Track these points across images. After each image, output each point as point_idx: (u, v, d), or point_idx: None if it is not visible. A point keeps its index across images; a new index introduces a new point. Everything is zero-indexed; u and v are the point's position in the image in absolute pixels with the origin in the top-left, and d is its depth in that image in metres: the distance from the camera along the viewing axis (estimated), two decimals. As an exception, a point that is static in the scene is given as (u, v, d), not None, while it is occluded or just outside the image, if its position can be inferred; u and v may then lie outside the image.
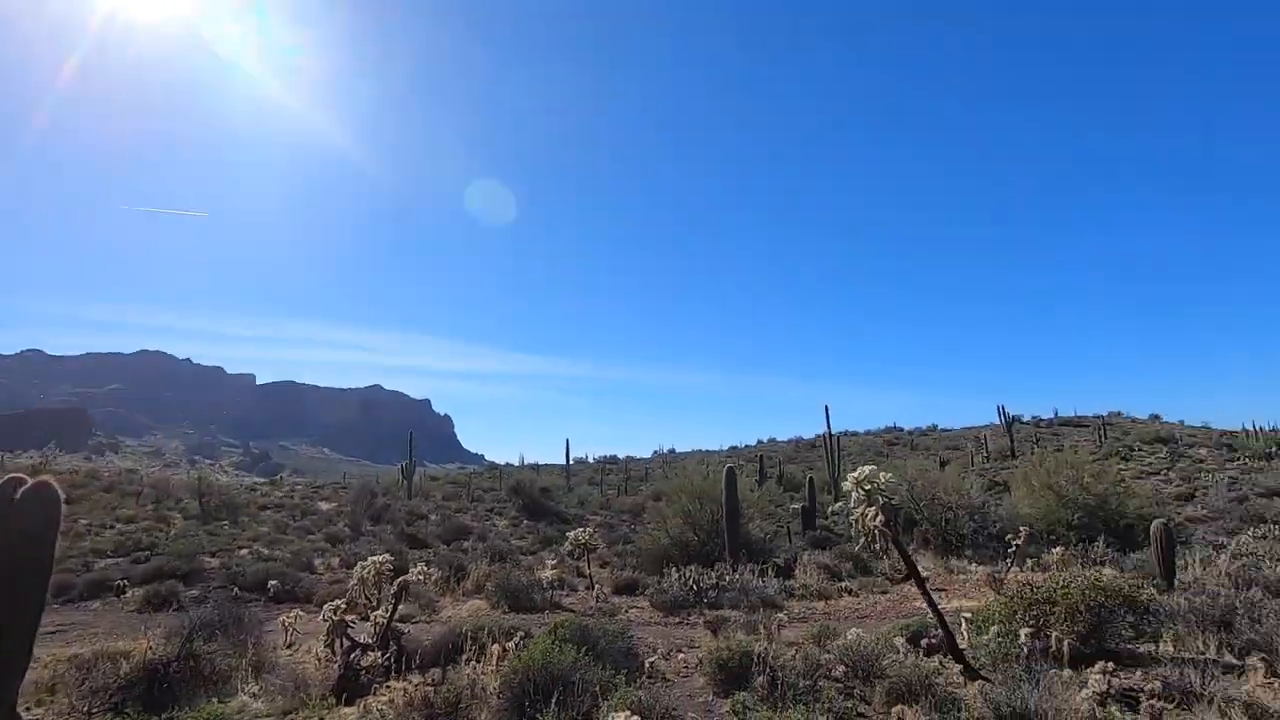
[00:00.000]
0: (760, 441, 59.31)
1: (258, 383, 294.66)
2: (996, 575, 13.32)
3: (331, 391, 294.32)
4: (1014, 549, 15.83)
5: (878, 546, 7.36)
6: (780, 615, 10.02)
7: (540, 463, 54.32)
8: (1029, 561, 14.86)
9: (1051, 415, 55.41)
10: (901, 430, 57.86)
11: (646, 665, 7.20)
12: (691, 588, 11.89)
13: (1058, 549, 15.95)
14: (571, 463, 48.59)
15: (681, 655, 7.94)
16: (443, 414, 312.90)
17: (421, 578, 14.13)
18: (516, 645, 7.35)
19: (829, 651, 7.10)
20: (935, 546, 19.43)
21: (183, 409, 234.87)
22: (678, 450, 58.71)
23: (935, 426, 58.27)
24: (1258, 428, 40.62)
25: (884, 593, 12.61)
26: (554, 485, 37.81)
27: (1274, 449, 33.17)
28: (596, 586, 13.41)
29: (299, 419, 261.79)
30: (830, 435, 33.86)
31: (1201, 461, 33.65)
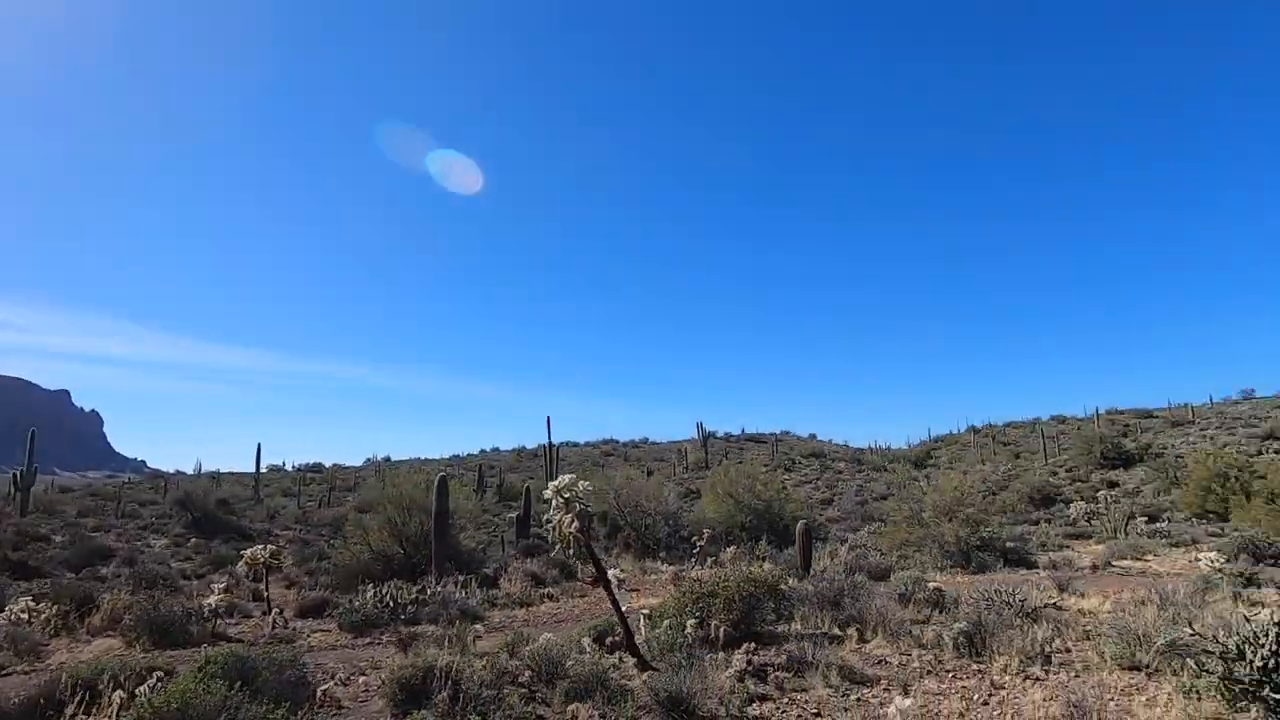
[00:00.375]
0: (484, 450, 58.61)
1: None
2: (681, 574, 14.86)
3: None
4: (698, 549, 17.89)
5: (572, 552, 7.71)
6: (478, 627, 9.91)
7: (224, 470, 46.84)
8: (710, 560, 16.86)
9: (739, 432, 64.04)
10: (617, 442, 61.82)
11: (319, 694, 6.55)
12: (388, 604, 11.19)
13: (731, 548, 18.42)
14: (263, 470, 42.76)
15: (364, 678, 7.38)
16: (88, 409, 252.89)
17: (26, 615, 11.11)
18: (151, 689, 6.14)
19: (519, 658, 7.21)
20: (635, 550, 21.05)
21: None
22: (394, 458, 55.21)
23: (646, 439, 63.42)
24: (879, 445, 51.72)
25: (583, 596, 13.24)
26: (237, 496, 32.87)
27: (888, 463, 42.48)
28: (275, 611, 11.88)
29: None
30: (550, 445, 34.81)
31: (840, 473, 41.69)
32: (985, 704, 5.89)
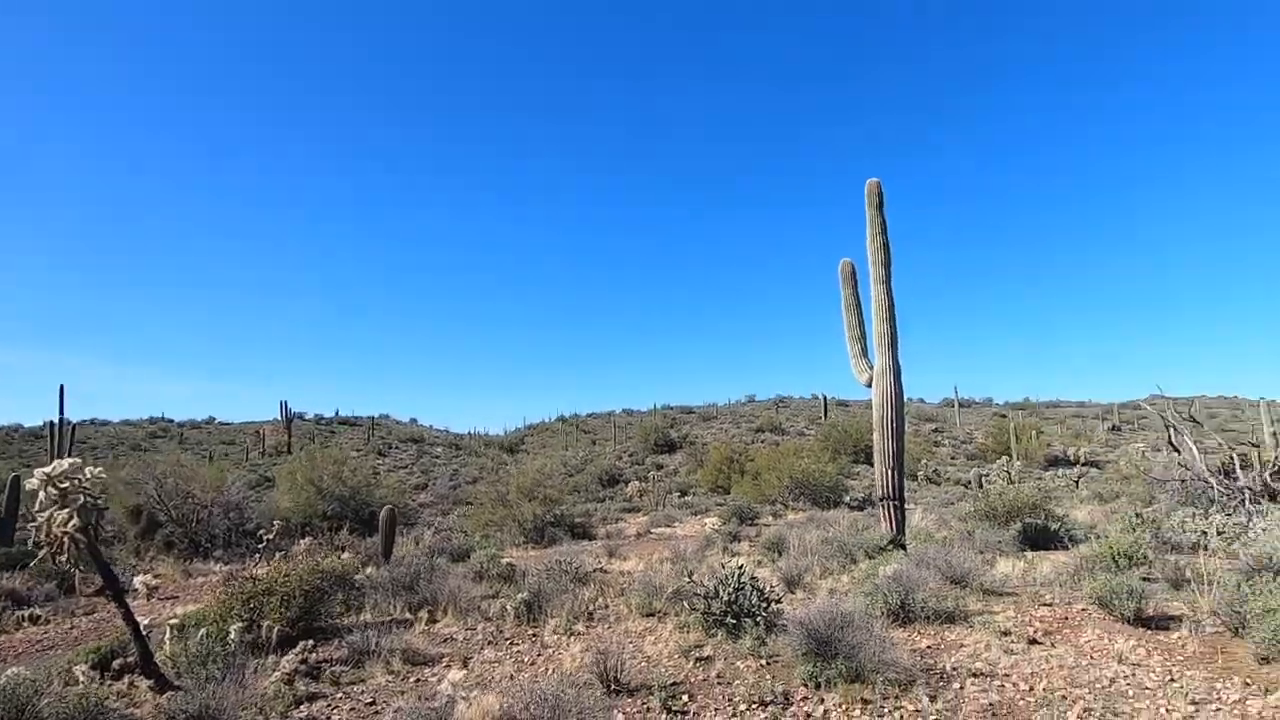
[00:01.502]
0: (-57, 428, 42.02)
1: None
2: (237, 574, 12.93)
3: None
4: (265, 544, 15.83)
5: (66, 559, 6.01)
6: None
7: None
8: (280, 555, 15.07)
9: (333, 414, 59.05)
10: (170, 421, 51.05)
11: None
12: None
13: (306, 539, 16.81)
14: None
15: None
16: None
17: None
18: None
19: (-41, 708, 5.29)
20: (181, 549, 17.61)
21: None
22: None
23: (214, 419, 53.82)
24: (477, 431, 53.36)
25: (89, 614, 10.49)
26: None
27: (483, 448, 44.09)
28: None
29: None
30: (62, 423, 26.81)
31: (438, 458, 41.75)
32: (533, 663, 6.52)
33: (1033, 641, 6.36)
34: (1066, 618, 7.13)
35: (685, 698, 5.47)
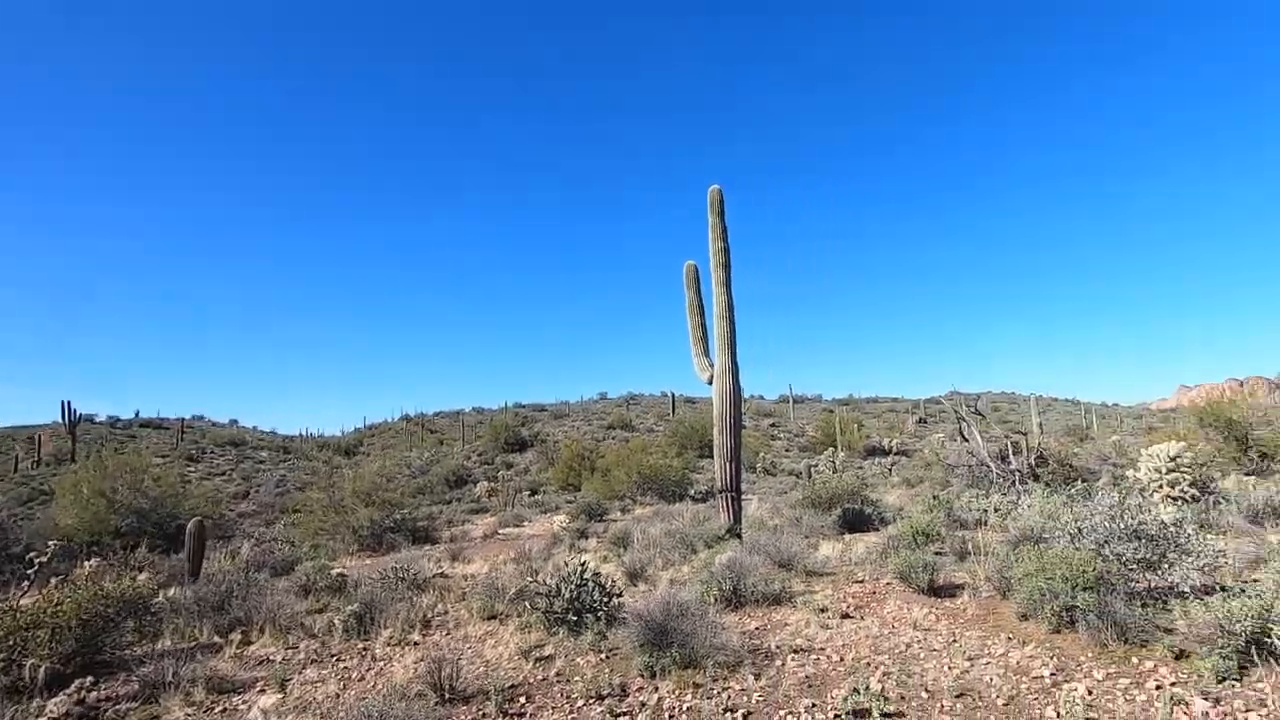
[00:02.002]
0: None
1: None
2: (-3, 605, 10.94)
3: None
4: (36, 569, 13.54)
5: None
6: None
7: None
8: (58, 580, 12.94)
9: (133, 415, 51.86)
10: (-91, 427, 42.16)
11: None
12: None
13: (93, 561, 14.60)
14: None
15: None
16: None
17: None
18: None
19: None
20: (-82, 582, 14.58)
21: None
22: None
23: (-31, 424, 45.14)
24: (310, 433, 49.33)
25: None
26: None
27: (315, 450, 40.83)
28: None
29: None
30: None
31: (262, 463, 38.06)
32: (362, 679, 6.12)
33: (845, 616, 7.00)
34: (875, 592, 7.92)
35: (523, 699, 5.40)
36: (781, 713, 4.91)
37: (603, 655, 6.23)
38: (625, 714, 5.04)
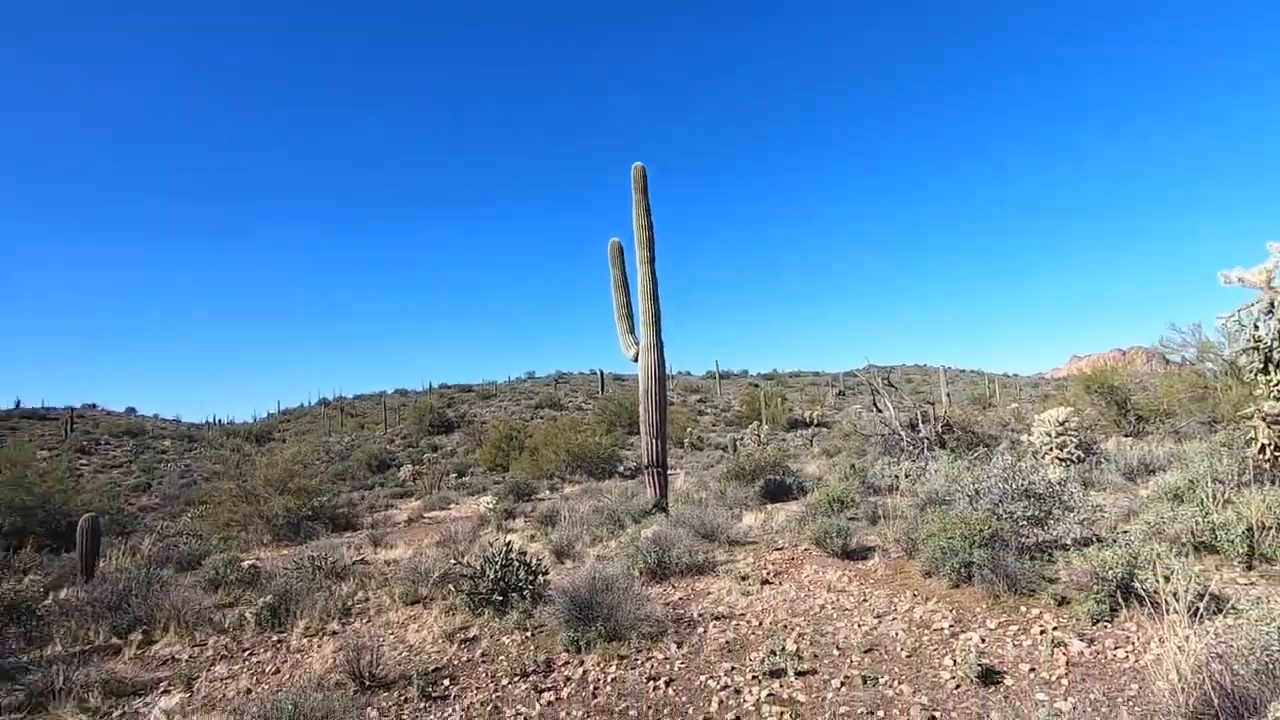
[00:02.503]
0: None
1: None
2: None
3: None
4: (-100, 576, 12.31)
5: None
6: None
7: None
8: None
9: (13, 405, 47.57)
10: None
11: None
12: None
13: (-29, 564, 13.41)
14: None
15: None
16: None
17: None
18: None
19: None
20: None
21: None
22: None
23: None
24: (217, 420, 46.70)
25: None
26: None
27: (223, 438, 38.71)
28: None
29: None
30: None
31: (164, 453, 35.77)
32: (277, 672, 5.91)
33: (765, 582, 7.26)
34: (793, 558, 8.25)
35: (447, 681, 5.36)
36: (703, 678, 5.07)
37: (528, 633, 6.24)
38: (550, 689, 5.09)
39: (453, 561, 7.81)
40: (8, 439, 35.16)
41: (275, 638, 6.87)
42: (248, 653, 6.51)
